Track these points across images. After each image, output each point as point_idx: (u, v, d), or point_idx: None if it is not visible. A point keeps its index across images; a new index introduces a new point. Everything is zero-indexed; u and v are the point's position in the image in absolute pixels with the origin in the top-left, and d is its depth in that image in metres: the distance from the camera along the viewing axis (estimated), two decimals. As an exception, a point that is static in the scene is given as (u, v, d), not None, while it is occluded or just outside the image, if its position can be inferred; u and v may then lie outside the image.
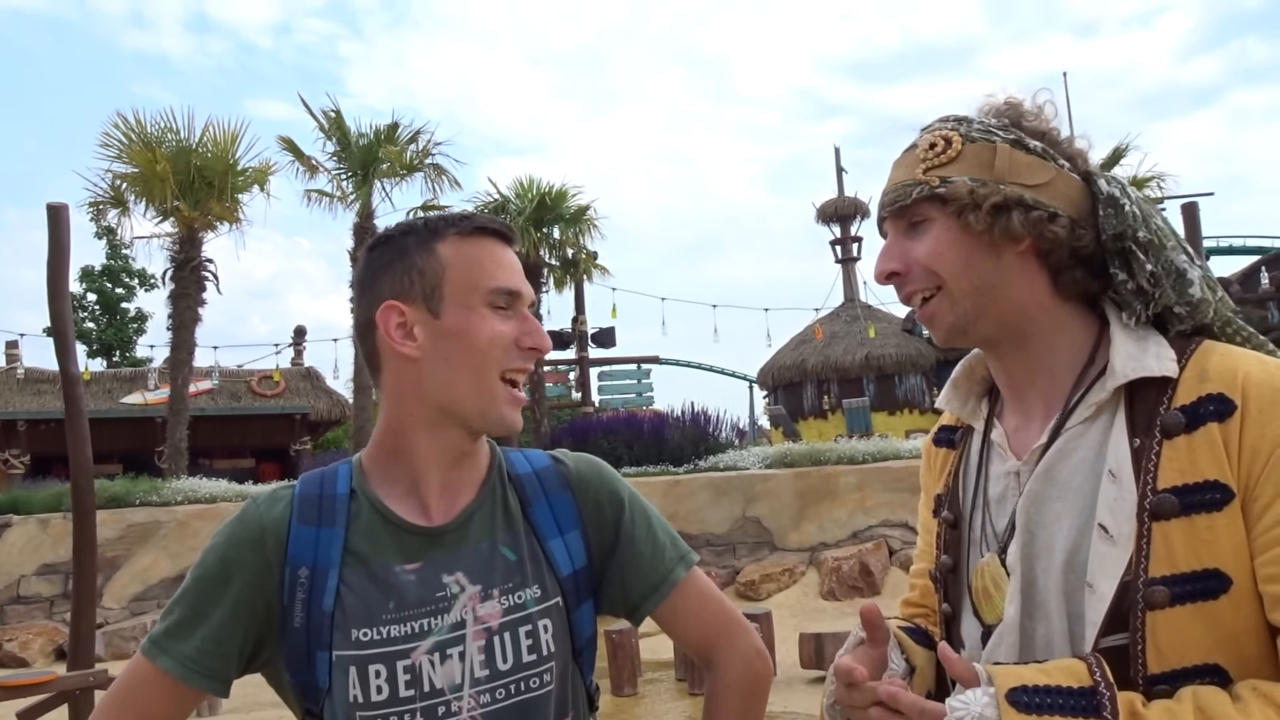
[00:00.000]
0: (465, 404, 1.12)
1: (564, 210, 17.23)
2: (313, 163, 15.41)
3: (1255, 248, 27.58)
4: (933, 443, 1.31)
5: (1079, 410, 1.04)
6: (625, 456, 12.77)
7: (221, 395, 20.55)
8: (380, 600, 1.07)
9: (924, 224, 1.09)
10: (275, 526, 1.10)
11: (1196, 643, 0.91)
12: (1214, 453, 0.93)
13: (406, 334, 1.12)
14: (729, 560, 10.64)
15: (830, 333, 21.63)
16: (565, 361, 20.26)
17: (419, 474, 1.14)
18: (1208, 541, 0.91)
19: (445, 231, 1.15)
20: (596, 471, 1.26)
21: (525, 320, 1.15)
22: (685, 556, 1.26)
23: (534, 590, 1.13)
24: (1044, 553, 1.02)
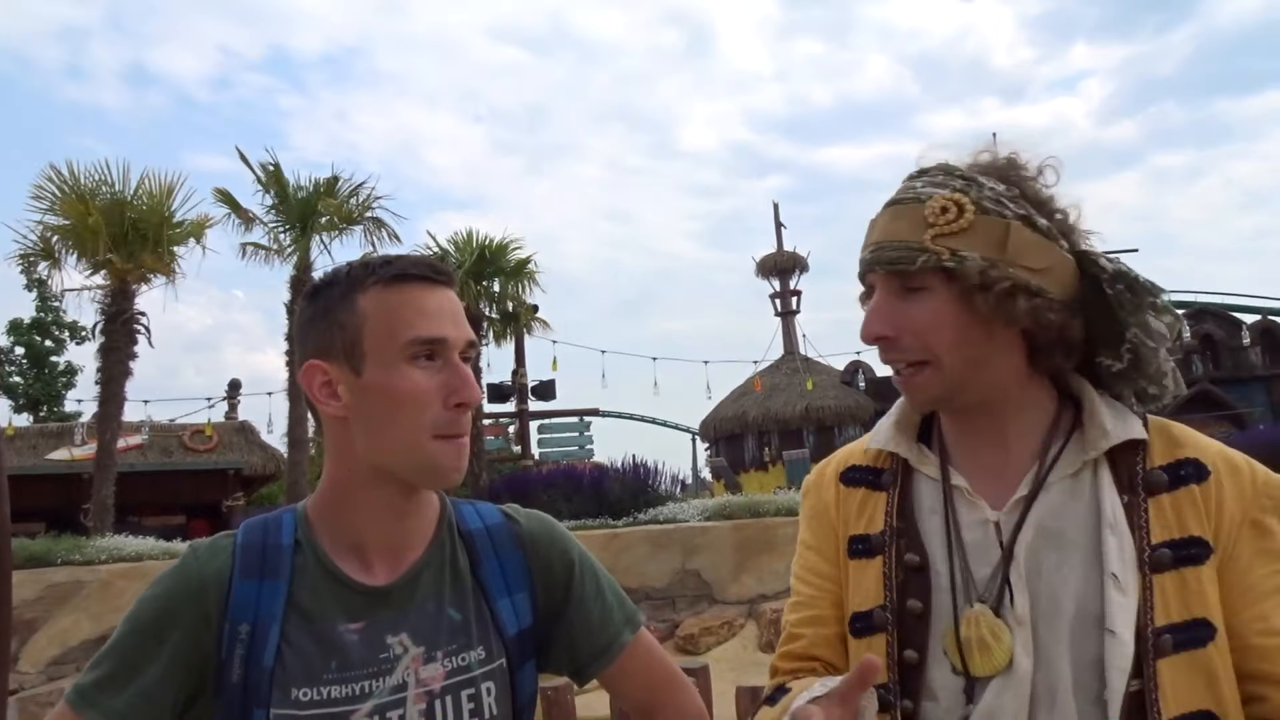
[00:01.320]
0: (396, 462, 1.07)
1: (504, 263, 17.26)
2: (250, 215, 15.27)
3: (1181, 303, 28.63)
4: (841, 481, 1.25)
5: (1060, 466, 1.08)
6: (564, 509, 12.69)
7: (152, 450, 20.01)
8: (322, 660, 1.04)
9: (923, 292, 1.07)
10: (216, 579, 1.05)
11: (1194, 690, 0.98)
12: (1196, 512, 1.02)
13: (331, 393, 1.08)
14: (668, 614, 10.59)
15: (770, 385, 21.88)
16: (505, 414, 20.14)
17: (363, 529, 1.11)
18: (1196, 593, 0.99)
19: (366, 280, 1.08)
20: (548, 531, 1.24)
21: (454, 372, 1.08)
22: (632, 618, 1.25)
23: (479, 652, 1.11)
24: (1046, 601, 1.03)
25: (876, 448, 1.22)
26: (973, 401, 1.12)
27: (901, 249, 1.06)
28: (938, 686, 1.08)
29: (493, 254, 17.10)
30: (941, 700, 1.07)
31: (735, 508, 11.75)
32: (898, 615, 1.11)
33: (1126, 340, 1.08)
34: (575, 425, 21.77)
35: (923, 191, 1.08)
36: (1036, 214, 1.07)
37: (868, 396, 21.24)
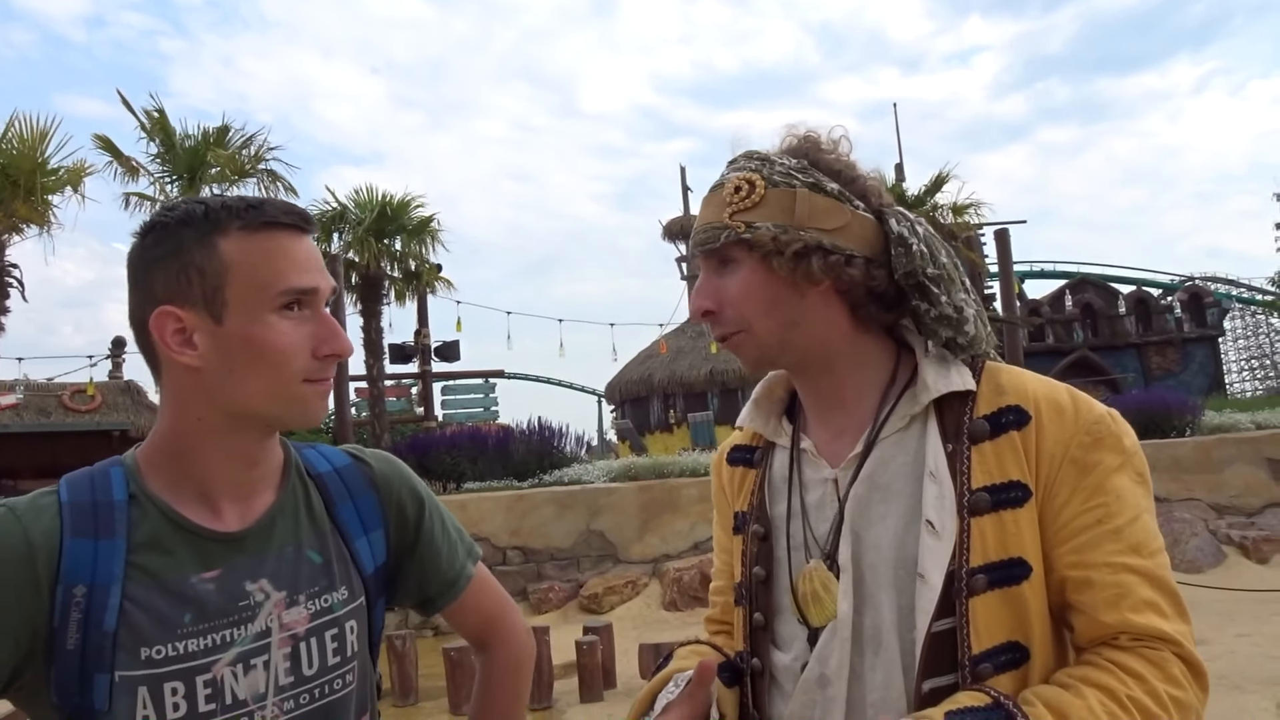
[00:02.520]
0: (263, 410, 1.04)
1: (406, 221, 16.84)
2: (133, 164, 14.49)
3: (1064, 272, 29.91)
4: (727, 463, 1.36)
5: (892, 421, 1.15)
6: (469, 471, 12.59)
7: (28, 411, 19.02)
8: (175, 613, 1.00)
9: (733, 264, 1.16)
10: (45, 541, 0.97)
11: (1004, 624, 1.04)
12: (1016, 457, 1.08)
13: (185, 341, 1.02)
14: (573, 574, 10.65)
15: (675, 348, 22.03)
16: (408, 375, 19.80)
17: (209, 477, 1.07)
18: (1013, 534, 1.05)
19: (229, 224, 1.03)
20: (398, 471, 1.26)
21: (322, 322, 1.06)
22: (472, 551, 1.31)
23: (341, 592, 1.12)
24: (871, 550, 1.11)
25: (746, 427, 1.31)
26: (799, 360, 1.19)
27: (709, 230, 1.17)
28: (788, 639, 1.17)
29: (394, 211, 16.67)
30: (790, 651, 1.16)
31: (640, 469, 11.85)
32: (751, 586, 1.22)
33: (911, 293, 1.16)
34: (480, 387, 21.56)
35: (727, 177, 1.18)
36: (828, 180, 1.15)
37: (769, 360, 21.59)
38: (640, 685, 8.22)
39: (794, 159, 1.17)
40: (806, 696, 1.12)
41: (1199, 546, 10.05)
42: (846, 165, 1.18)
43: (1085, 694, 0.98)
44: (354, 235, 16.16)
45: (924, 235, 1.16)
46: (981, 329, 1.17)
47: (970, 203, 17.81)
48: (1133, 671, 0.98)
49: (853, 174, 1.17)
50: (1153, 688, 0.97)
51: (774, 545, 1.20)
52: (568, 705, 7.23)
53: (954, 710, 0.97)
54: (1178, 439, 11.99)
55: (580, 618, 9.49)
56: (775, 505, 1.22)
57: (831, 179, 1.16)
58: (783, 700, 1.16)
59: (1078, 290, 25.17)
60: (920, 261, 1.13)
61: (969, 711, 0.97)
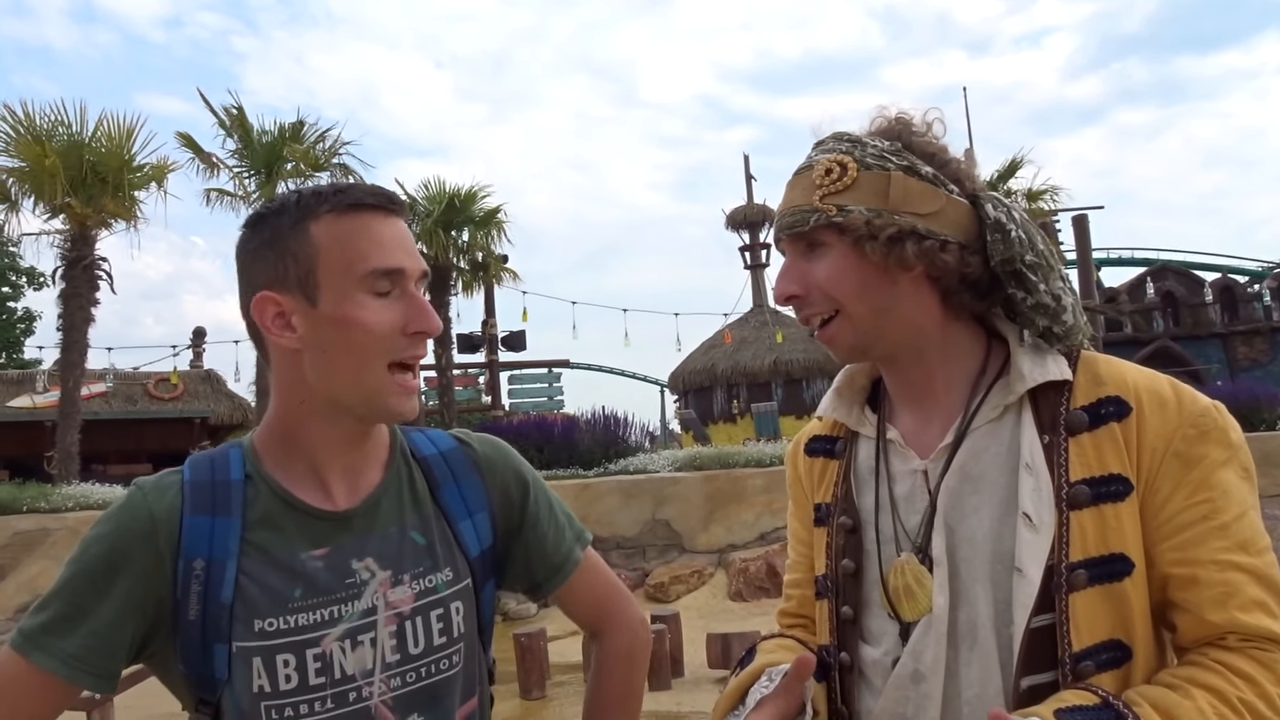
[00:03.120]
0: (349, 395, 1.07)
1: (473, 213, 17.06)
2: (213, 160, 14.95)
3: (1142, 259, 28.98)
4: (805, 453, 1.32)
5: (984, 411, 1.12)
6: (536, 460, 12.72)
7: (116, 398, 19.78)
8: (286, 588, 1.04)
9: (822, 248, 1.13)
10: (167, 517, 1.04)
11: (1105, 621, 1.01)
12: (1117, 449, 1.04)
13: (285, 325, 1.06)
14: (639, 563, 10.71)
15: (739, 338, 21.93)
16: (475, 365, 20.08)
17: (318, 458, 1.10)
18: (1114, 529, 1.02)
19: (318, 209, 1.07)
20: (502, 454, 1.27)
21: (411, 301, 1.08)
22: (581, 535, 1.31)
23: (446, 573, 1.13)
24: (965, 543, 1.08)
25: (825, 416, 1.28)
26: (892, 350, 1.16)
27: (797, 213, 1.14)
28: (878, 634, 1.15)
29: (462, 203, 16.89)
30: (880, 646, 1.14)
31: (705, 459, 11.84)
32: (838, 578, 1.19)
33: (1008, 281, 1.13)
34: (545, 376, 21.78)
35: (815, 159, 1.15)
36: (922, 164, 1.12)
37: (836, 350, 21.33)
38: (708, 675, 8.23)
39: (886, 141, 1.14)
40: (899, 693, 1.09)
41: (1287, 544, 9.72)
42: (940, 148, 1.15)
43: (1194, 695, 0.94)
44: (423, 227, 16.42)
45: (1021, 221, 1.13)
46: (1079, 318, 1.15)
47: (1046, 188, 17.41)
48: (1242, 673, 0.95)
49: (946, 157, 1.15)
50: (1264, 691, 0.94)
51: (862, 538, 1.17)
52: (635, 692, 7.27)
53: (1063, 709, 0.94)
54: (1266, 432, 11.58)
55: (646, 606, 9.54)
56: (862, 497, 1.20)
57: (925, 162, 1.13)
58: (871, 696, 1.14)
59: (1158, 278, 24.39)
60: (1019, 248, 1.10)
61: (1078, 710, 0.94)
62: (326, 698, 1.03)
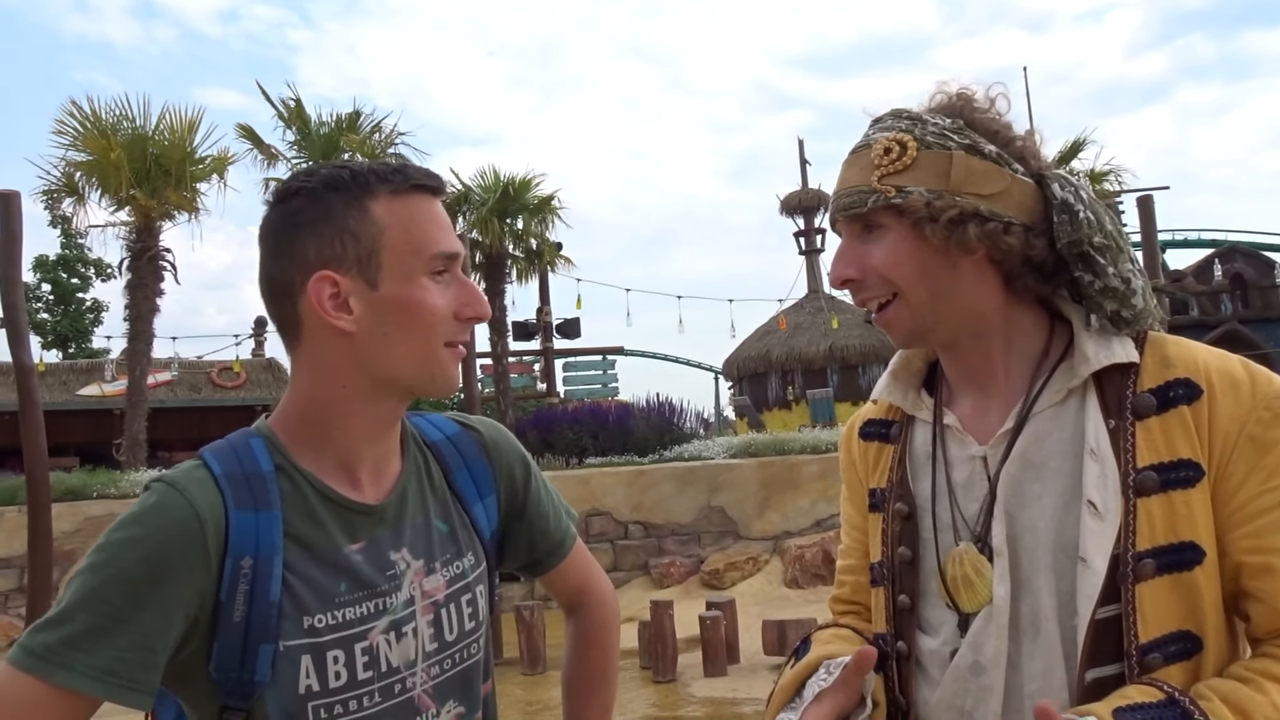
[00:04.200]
0: (408, 375, 1.05)
1: (528, 200, 17.14)
2: (272, 151, 15.21)
3: (1209, 241, 28.14)
4: (860, 437, 1.29)
5: (1046, 395, 1.08)
6: (590, 447, 12.77)
7: (181, 387, 20.26)
8: (332, 583, 1.01)
9: (879, 230, 1.09)
10: (213, 514, 0.96)
11: (1174, 612, 0.98)
12: (1187, 433, 1.00)
13: (340, 305, 1.02)
14: (694, 549, 10.70)
15: (794, 324, 21.75)
16: (530, 352, 20.19)
17: (350, 447, 1.07)
18: (1184, 516, 0.98)
19: (378, 188, 1.03)
20: (505, 437, 1.28)
21: (464, 287, 1.07)
22: (570, 514, 1.34)
23: (469, 559, 1.14)
24: (1026, 532, 1.05)
25: (882, 400, 1.25)
26: (952, 334, 1.12)
27: (854, 194, 1.10)
28: (935, 624, 1.12)
29: (516, 191, 16.97)
30: (941, 638, 1.11)
31: (760, 445, 11.77)
32: (895, 566, 1.16)
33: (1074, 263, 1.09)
34: (600, 363, 21.82)
35: (873, 137, 1.11)
36: (985, 142, 1.08)
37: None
38: (764, 661, 8.24)
39: (947, 118, 1.10)
40: (958, 684, 1.07)
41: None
42: (1004, 125, 1.11)
43: (1267, 689, 0.91)
44: (478, 215, 16.54)
45: (1089, 201, 1.08)
46: (1149, 301, 1.09)
47: (1109, 169, 16.96)
48: None
49: (1010, 134, 1.10)
50: None
51: (919, 525, 1.14)
52: (692, 679, 7.29)
53: (1124, 707, 0.91)
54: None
55: (701, 593, 9.54)
56: (919, 483, 1.16)
57: (989, 140, 1.09)
58: (929, 686, 1.11)
59: (1227, 259, 23.62)
60: (1087, 230, 1.06)
61: (1140, 708, 0.91)
62: (374, 692, 1.02)
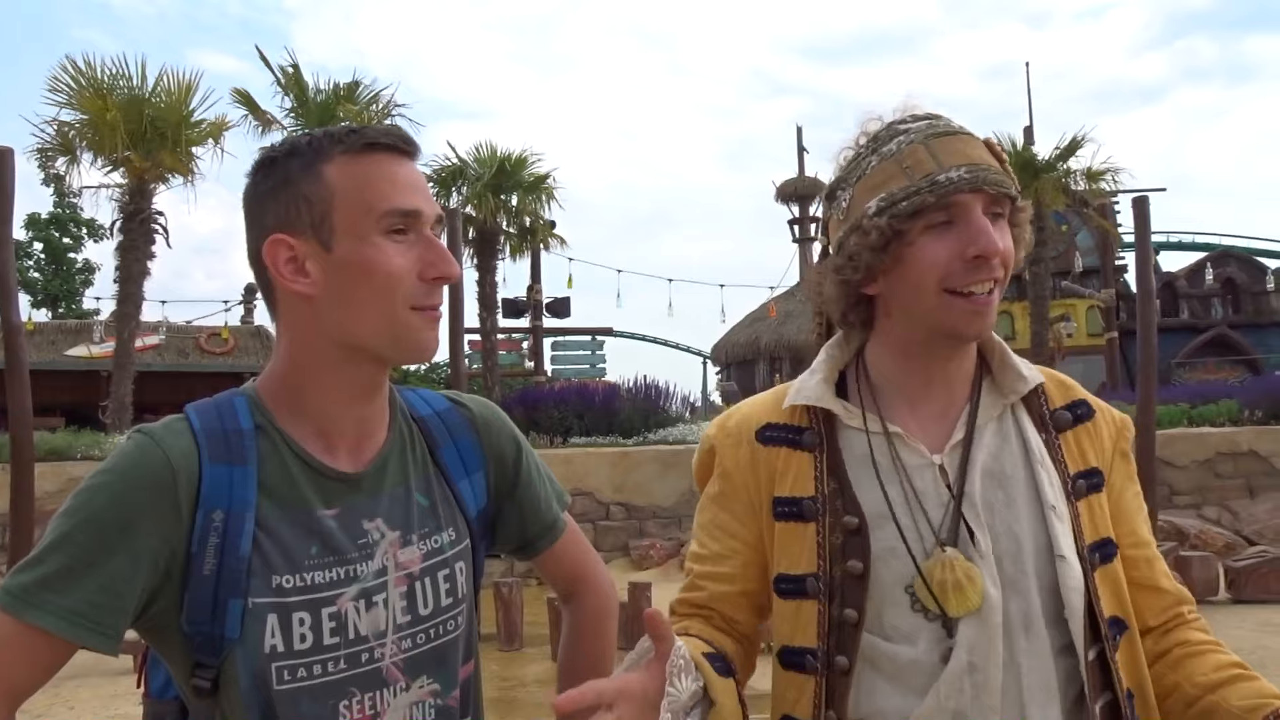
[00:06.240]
0: (372, 339, 1.04)
1: (523, 178, 17.09)
2: (268, 118, 15.11)
3: (1203, 244, 28.20)
4: (758, 440, 1.21)
5: (985, 410, 1.17)
6: (576, 426, 12.81)
7: (169, 351, 20.21)
8: (303, 544, 1.01)
9: (1000, 219, 1.12)
10: (185, 465, 0.98)
11: (1111, 598, 1.12)
12: (1093, 445, 1.19)
13: (298, 269, 1.02)
14: (674, 532, 10.76)
15: (784, 311, 21.79)
16: (519, 330, 20.20)
17: (329, 413, 1.07)
18: (1100, 516, 1.15)
19: (331, 150, 1.03)
20: (496, 415, 1.27)
21: (429, 246, 1.05)
22: (562, 497, 1.32)
23: (449, 533, 1.13)
24: (1004, 536, 1.10)
25: (801, 404, 1.20)
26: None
27: (1000, 174, 1.11)
28: (908, 632, 1.10)
29: (512, 167, 16.92)
30: (915, 644, 1.09)
31: (745, 432, 11.80)
32: (834, 579, 1.12)
33: None
34: (588, 344, 21.85)
35: (965, 127, 1.14)
36: None
37: (882, 327, 21.14)
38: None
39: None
40: (953, 687, 1.06)
41: (1337, 539, 9.45)
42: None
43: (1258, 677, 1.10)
44: (472, 190, 16.49)
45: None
46: None
47: (1106, 168, 16.95)
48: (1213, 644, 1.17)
49: None
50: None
51: (869, 538, 1.11)
52: (665, 660, 7.36)
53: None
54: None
55: (680, 576, 9.56)
56: (867, 492, 1.13)
57: None
58: (901, 695, 1.08)
59: (1219, 263, 23.71)
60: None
61: None
62: (340, 658, 1.01)
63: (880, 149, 1.14)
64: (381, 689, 1.04)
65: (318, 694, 1.00)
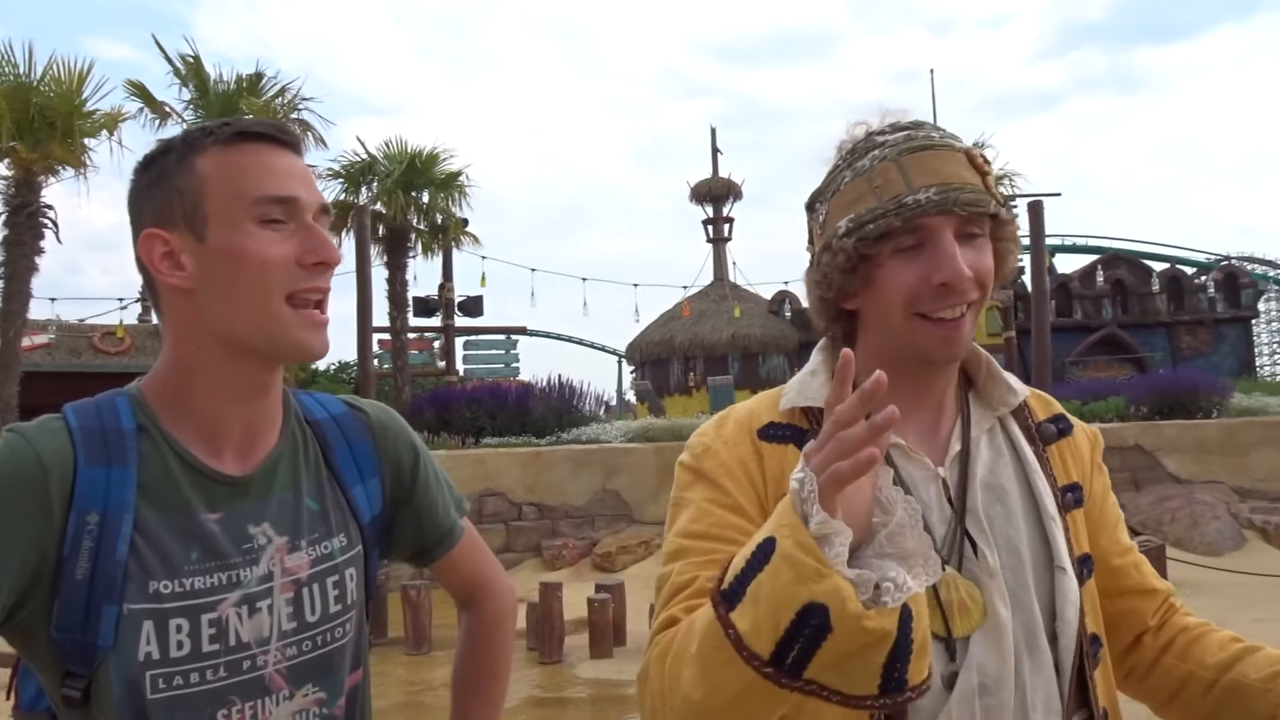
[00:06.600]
0: (250, 334, 1.01)
1: (435, 174, 16.84)
2: (166, 109, 14.59)
3: (1095, 247, 29.43)
4: (760, 438, 1.14)
5: (977, 423, 1.15)
6: (488, 426, 12.70)
7: (59, 350, 19.31)
8: (183, 550, 0.98)
9: (979, 238, 1.07)
10: (59, 464, 0.94)
11: (1092, 615, 1.12)
12: (1074, 459, 1.19)
13: (174, 263, 1.01)
14: (587, 532, 10.76)
15: (698, 311, 21.99)
16: (431, 329, 19.91)
17: (214, 414, 1.05)
18: (1081, 531, 1.15)
19: (203, 142, 1.02)
20: (394, 420, 1.26)
21: (309, 233, 1.03)
22: (460, 503, 1.31)
23: (340, 539, 1.11)
24: (1007, 551, 1.07)
25: (804, 405, 1.14)
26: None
27: (974, 191, 1.04)
28: None
29: (423, 164, 16.66)
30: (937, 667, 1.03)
31: (658, 430, 11.90)
32: None
33: None
34: (502, 343, 21.66)
35: (947, 138, 1.08)
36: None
37: (792, 326, 21.49)
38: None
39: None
40: (964, 708, 1.02)
41: (1219, 529, 9.96)
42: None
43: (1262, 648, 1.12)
44: (382, 187, 16.19)
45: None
46: None
47: (1004, 173, 17.56)
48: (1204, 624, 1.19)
49: None
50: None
51: None
52: (578, 660, 7.34)
53: None
54: (1203, 420, 11.86)
55: (593, 575, 9.61)
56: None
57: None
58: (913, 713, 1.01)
59: (1110, 266, 24.75)
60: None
61: None
62: (219, 666, 0.99)
63: (855, 163, 1.10)
64: (263, 697, 1.02)
65: (195, 702, 0.97)
